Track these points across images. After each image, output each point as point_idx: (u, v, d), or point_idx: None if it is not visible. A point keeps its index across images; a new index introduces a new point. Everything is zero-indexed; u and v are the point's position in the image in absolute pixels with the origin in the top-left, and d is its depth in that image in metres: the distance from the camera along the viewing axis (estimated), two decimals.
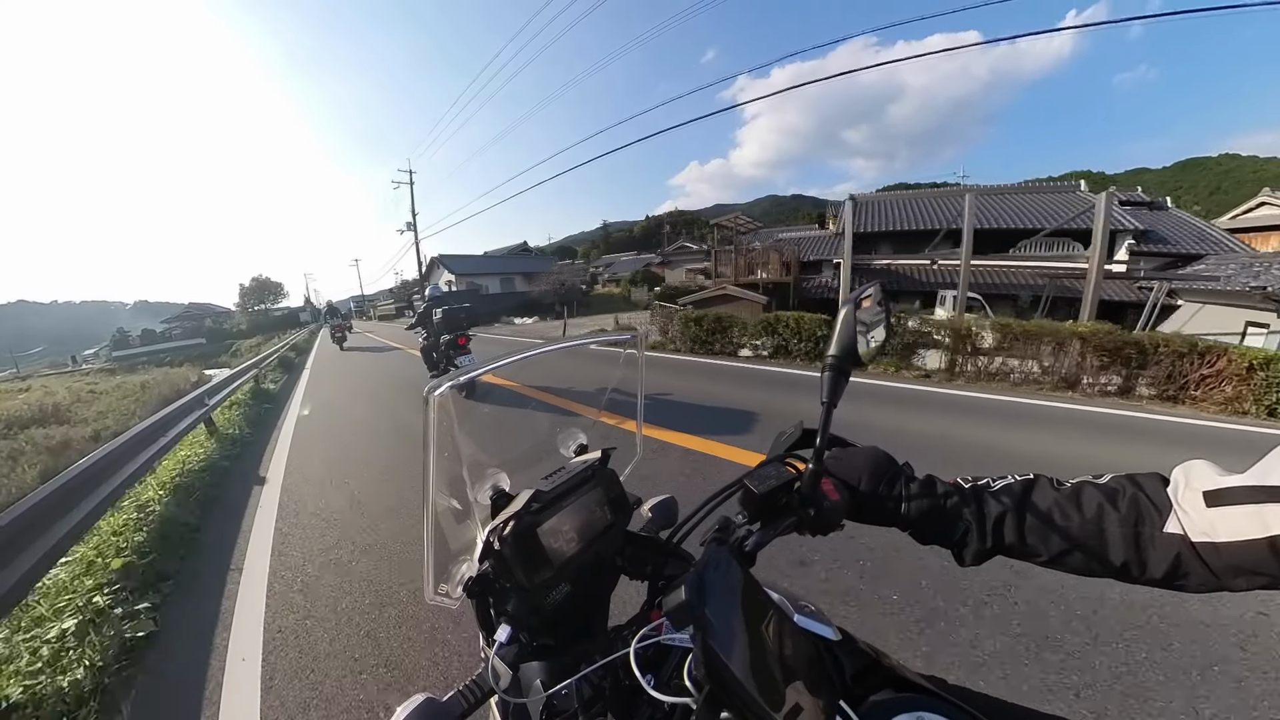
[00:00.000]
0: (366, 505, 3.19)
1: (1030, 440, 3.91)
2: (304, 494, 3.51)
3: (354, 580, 2.35)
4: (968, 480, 0.59)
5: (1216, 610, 1.83)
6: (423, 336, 7.04)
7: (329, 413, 6.58)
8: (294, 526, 3.00)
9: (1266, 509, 0.42)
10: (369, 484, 3.59)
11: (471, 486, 0.54)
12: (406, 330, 8.71)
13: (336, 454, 4.49)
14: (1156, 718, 1.42)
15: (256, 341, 32.89)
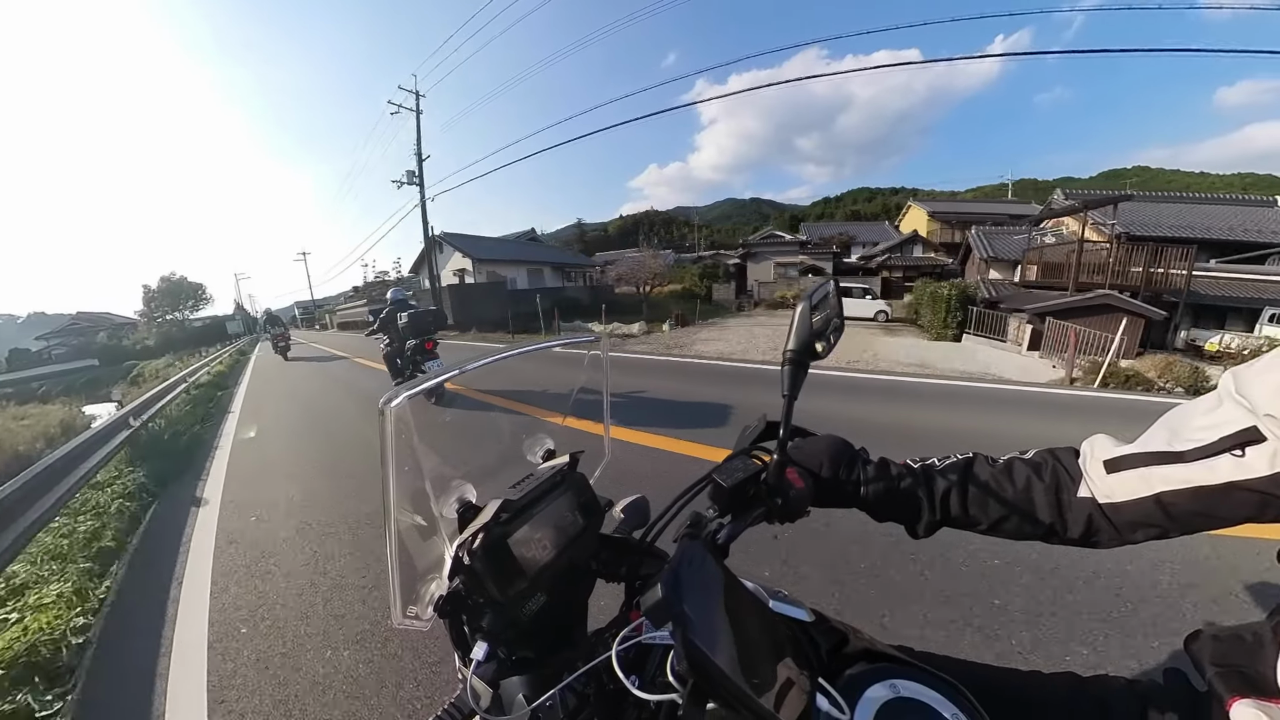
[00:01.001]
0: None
1: None
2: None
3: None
4: (916, 461, 0.64)
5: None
6: (384, 343, 6.65)
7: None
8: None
9: (1151, 471, 0.50)
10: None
11: (436, 500, 0.51)
12: (366, 337, 8.02)
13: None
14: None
15: (166, 362, 23.66)
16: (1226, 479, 0.46)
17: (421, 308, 6.59)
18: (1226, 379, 0.50)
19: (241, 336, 36.82)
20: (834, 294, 0.62)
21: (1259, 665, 0.46)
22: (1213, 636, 0.54)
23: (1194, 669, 0.54)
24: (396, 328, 6.28)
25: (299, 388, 9.02)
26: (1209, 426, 0.48)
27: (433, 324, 6.30)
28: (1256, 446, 0.45)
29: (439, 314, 6.72)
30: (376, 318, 6.80)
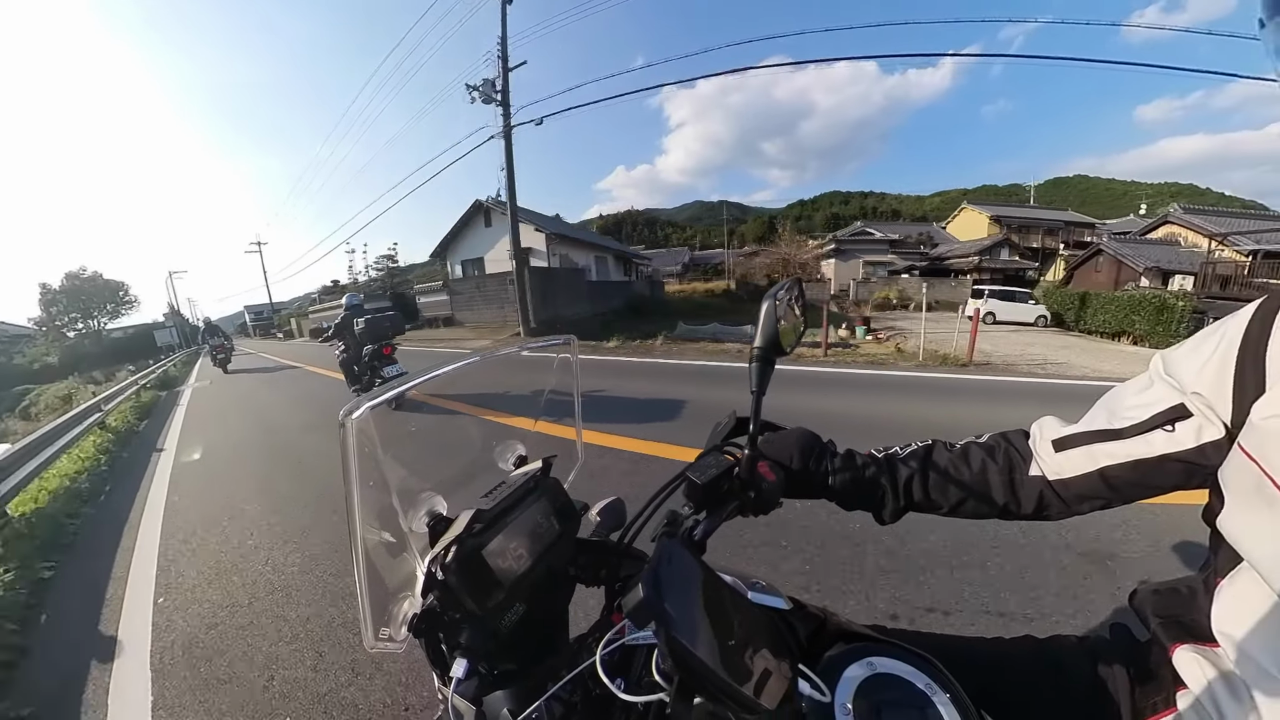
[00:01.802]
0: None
1: None
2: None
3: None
4: (880, 450, 0.67)
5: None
6: (340, 350, 6.39)
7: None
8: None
9: (1094, 448, 0.55)
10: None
11: (404, 515, 0.49)
12: (321, 343, 7.46)
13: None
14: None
15: (67, 388, 15.88)
16: (1160, 452, 0.51)
17: (378, 313, 6.38)
18: (1156, 361, 0.55)
19: (176, 350, 28.03)
20: (798, 293, 0.64)
21: (1195, 614, 0.51)
22: (1153, 591, 0.58)
23: (1138, 622, 0.59)
24: (353, 333, 6.07)
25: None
26: (1142, 405, 0.53)
27: (390, 329, 6.11)
28: (1184, 421, 0.50)
29: (397, 318, 6.51)
30: (331, 324, 6.56)
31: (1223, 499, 0.47)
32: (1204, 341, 0.51)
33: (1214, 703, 0.46)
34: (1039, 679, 0.59)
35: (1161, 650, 0.53)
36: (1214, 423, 0.48)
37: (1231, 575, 0.47)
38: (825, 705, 0.44)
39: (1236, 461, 0.45)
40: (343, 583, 2.26)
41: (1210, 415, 0.48)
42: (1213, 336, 0.50)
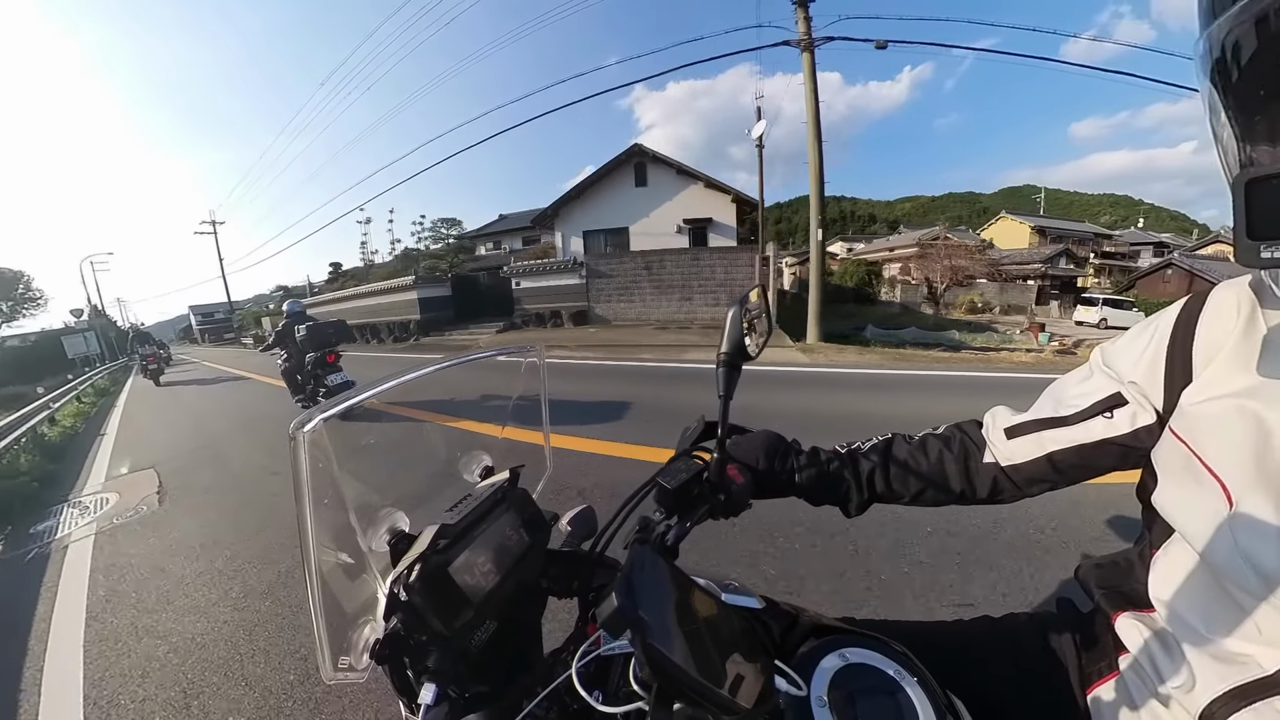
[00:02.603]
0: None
1: None
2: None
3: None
4: (843, 446, 0.69)
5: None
6: (282, 358, 6.04)
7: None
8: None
9: (1042, 435, 0.59)
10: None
11: (363, 534, 0.46)
12: (261, 353, 7.03)
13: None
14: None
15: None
16: (1100, 436, 0.55)
17: (322, 320, 6.14)
18: (1096, 354, 0.60)
19: (98, 364, 20.74)
20: (762, 299, 0.65)
21: (1133, 584, 0.55)
22: (1095, 564, 0.63)
23: (1082, 593, 0.63)
24: (295, 341, 5.76)
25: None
26: (1084, 394, 0.58)
27: (334, 336, 5.85)
28: (1122, 408, 0.54)
29: (341, 325, 6.29)
30: (272, 330, 6.28)
31: (1156, 477, 0.51)
32: (1138, 336, 0.56)
33: (1151, 662, 0.50)
34: (997, 655, 0.63)
35: (1104, 619, 0.57)
36: (1147, 409, 0.53)
37: (1165, 546, 0.51)
38: (802, 699, 0.45)
39: (1168, 444, 0.49)
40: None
41: (1144, 402, 0.53)
42: (1146, 332, 0.55)
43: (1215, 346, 0.47)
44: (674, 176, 15.29)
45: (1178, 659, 0.47)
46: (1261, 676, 0.40)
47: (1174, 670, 0.47)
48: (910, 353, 8.89)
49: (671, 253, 14.50)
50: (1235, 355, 0.46)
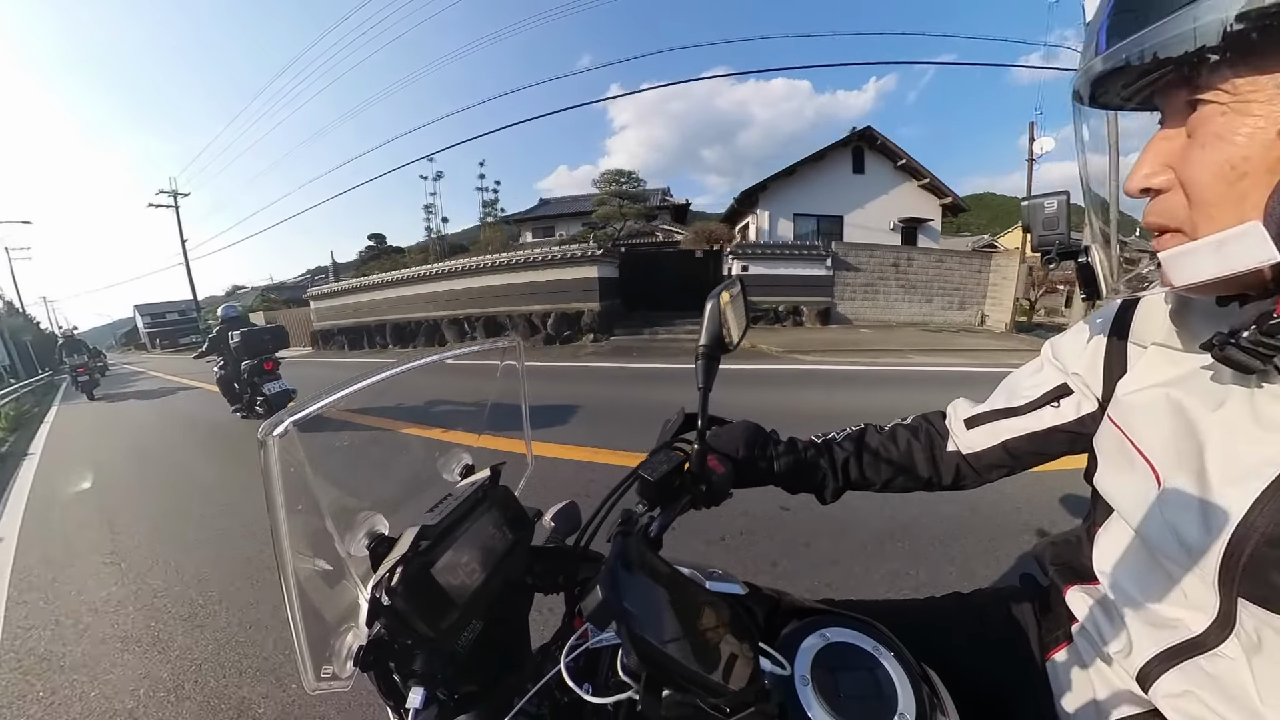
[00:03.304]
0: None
1: None
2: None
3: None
4: (819, 436, 0.72)
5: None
6: (218, 366, 5.87)
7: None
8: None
9: (998, 424, 0.63)
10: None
11: (341, 539, 0.45)
12: (195, 359, 6.74)
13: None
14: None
15: None
16: (1049, 425, 0.60)
17: (255, 328, 5.97)
18: (1046, 347, 0.64)
19: (8, 381, 16.22)
20: (741, 290, 0.66)
21: (1081, 559, 0.59)
22: (1050, 542, 0.67)
23: (1040, 570, 0.67)
24: (229, 348, 5.56)
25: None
26: (1035, 386, 0.62)
27: (271, 342, 5.64)
28: (1067, 398, 0.59)
29: (279, 331, 6.04)
30: (205, 338, 6.08)
31: (1097, 461, 0.55)
32: (1082, 331, 0.59)
33: (1097, 628, 0.54)
34: (966, 629, 0.67)
35: (1058, 591, 0.61)
36: (1089, 398, 0.57)
37: (1106, 524, 0.55)
38: (786, 678, 0.46)
39: (1106, 430, 0.53)
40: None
41: (1087, 392, 0.57)
42: (1090, 326, 0.59)
43: (1146, 340, 0.51)
44: (891, 170, 13.91)
45: (1119, 626, 0.51)
46: (1189, 638, 0.44)
47: (1116, 636, 0.51)
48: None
49: (919, 250, 13.47)
50: (1162, 348, 0.49)
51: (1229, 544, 0.39)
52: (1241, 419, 0.41)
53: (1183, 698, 0.44)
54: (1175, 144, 0.38)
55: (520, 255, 13.66)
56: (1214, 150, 0.35)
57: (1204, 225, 0.37)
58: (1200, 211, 0.37)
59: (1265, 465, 0.38)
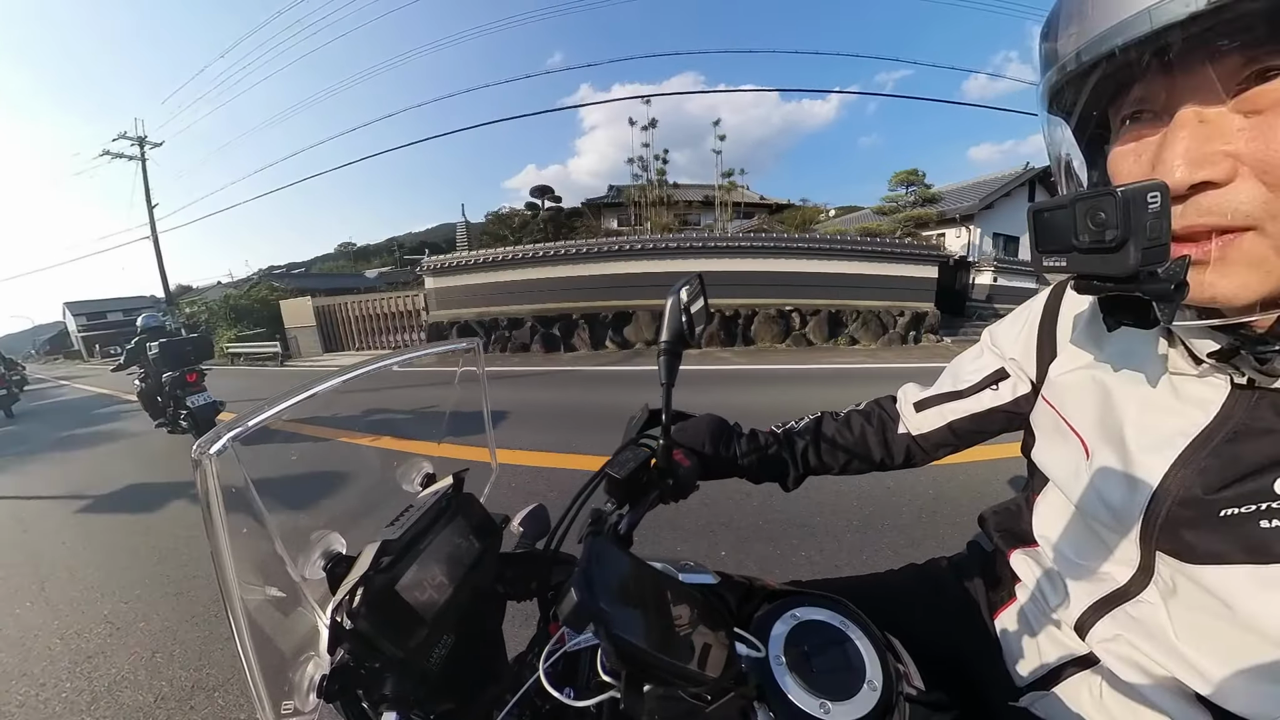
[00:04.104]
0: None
1: None
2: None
3: None
4: (780, 427, 0.74)
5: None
6: (138, 378, 5.41)
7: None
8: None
9: (944, 406, 0.67)
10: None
11: (293, 562, 0.42)
12: (112, 372, 6.14)
13: None
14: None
15: None
16: (989, 406, 0.65)
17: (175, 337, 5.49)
18: (985, 335, 0.70)
19: None
20: (700, 287, 0.67)
21: (1022, 525, 0.63)
22: (994, 511, 0.72)
23: (985, 537, 0.72)
24: (148, 359, 5.12)
25: None
26: (976, 370, 0.67)
27: (193, 353, 5.22)
28: (1005, 381, 0.64)
29: (203, 340, 5.62)
30: (122, 349, 5.55)
31: (1034, 437, 0.60)
32: (1017, 318, 0.64)
33: (1038, 587, 0.58)
34: (923, 597, 0.71)
35: (1003, 556, 0.66)
36: (1024, 380, 0.62)
37: (1043, 492, 0.60)
38: (761, 660, 0.47)
39: (1041, 408, 0.58)
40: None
41: (1022, 375, 0.62)
42: (1023, 314, 0.64)
43: (1072, 326, 0.56)
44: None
45: (1057, 583, 0.55)
46: (1117, 588, 0.49)
47: (1055, 592, 0.56)
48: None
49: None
50: (1087, 333, 0.54)
51: (1148, 506, 0.44)
52: (1156, 395, 0.46)
53: (1114, 641, 0.49)
54: (1223, 125, 0.32)
55: (846, 241, 11.74)
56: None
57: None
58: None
59: (1176, 436, 0.43)
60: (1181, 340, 0.44)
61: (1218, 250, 0.34)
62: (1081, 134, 0.44)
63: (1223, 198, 0.33)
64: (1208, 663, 0.41)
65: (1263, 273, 0.33)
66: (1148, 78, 0.35)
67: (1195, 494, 0.41)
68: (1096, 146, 0.45)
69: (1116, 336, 0.50)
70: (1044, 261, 0.37)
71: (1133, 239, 0.31)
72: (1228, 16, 0.29)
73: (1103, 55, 0.34)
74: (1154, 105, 0.36)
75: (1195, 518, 0.41)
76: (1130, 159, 0.38)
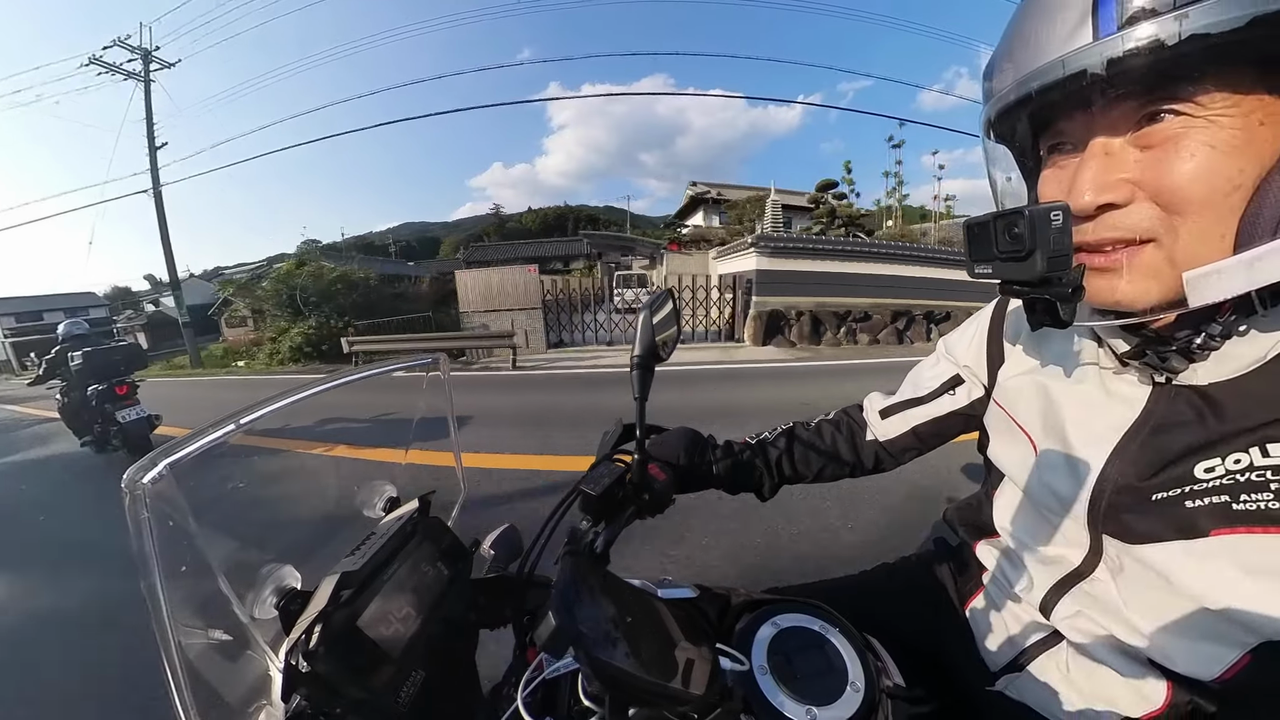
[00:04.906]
0: None
1: None
2: None
3: None
4: (753, 438, 0.75)
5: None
6: (60, 392, 4.79)
7: None
8: None
9: (907, 413, 0.71)
10: None
11: (240, 601, 0.38)
12: (29, 386, 5.21)
13: None
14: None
15: None
16: (947, 410, 0.69)
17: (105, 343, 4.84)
18: (940, 344, 0.74)
19: None
20: (672, 302, 0.67)
21: (984, 518, 0.66)
22: (957, 506, 0.75)
23: (950, 531, 0.74)
24: (70, 371, 4.54)
25: None
26: (934, 377, 0.71)
27: (122, 363, 4.66)
28: (960, 386, 0.68)
29: (132, 349, 4.95)
30: (40, 360, 4.86)
31: (988, 437, 0.64)
32: (969, 327, 0.69)
33: (1002, 574, 0.61)
34: (896, 594, 0.73)
35: (968, 548, 0.68)
36: (978, 385, 0.66)
37: (1000, 486, 0.64)
38: (746, 672, 0.47)
39: (993, 410, 0.62)
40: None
41: (975, 380, 0.67)
42: (974, 323, 0.69)
43: (1016, 334, 0.61)
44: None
45: (1020, 569, 0.59)
46: (1072, 570, 0.52)
47: (1018, 578, 0.59)
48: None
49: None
50: (1030, 341, 0.59)
51: (1092, 493, 0.48)
52: (1092, 395, 0.50)
53: (1075, 617, 0.52)
54: (1123, 157, 0.38)
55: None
56: (1209, 162, 0.35)
57: (1190, 236, 0.37)
58: (1190, 222, 0.36)
59: (1111, 430, 0.48)
60: (1107, 343, 0.49)
61: (1124, 260, 0.40)
62: (1020, 160, 0.50)
63: (1124, 216, 0.39)
64: (1154, 630, 0.45)
65: (1160, 281, 0.39)
66: (1065, 115, 0.41)
67: (1130, 482, 0.46)
68: (1031, 172, 0.51)
69: (1055, 343, 0.54)
70: (975, 269, 0.43)
71: (1039, 250, 0.37)
72: (1119, 70, 0.35)
73: (1026, 94, 0.40)
74: (1072, 138, 0.42)
75: (1132, 503, 0.45)
76: (1054, 183, 0.44)
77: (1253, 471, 0.39)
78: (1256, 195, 0.35)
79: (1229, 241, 0.36)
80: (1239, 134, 0.34)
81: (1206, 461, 0.41)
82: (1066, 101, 0.39)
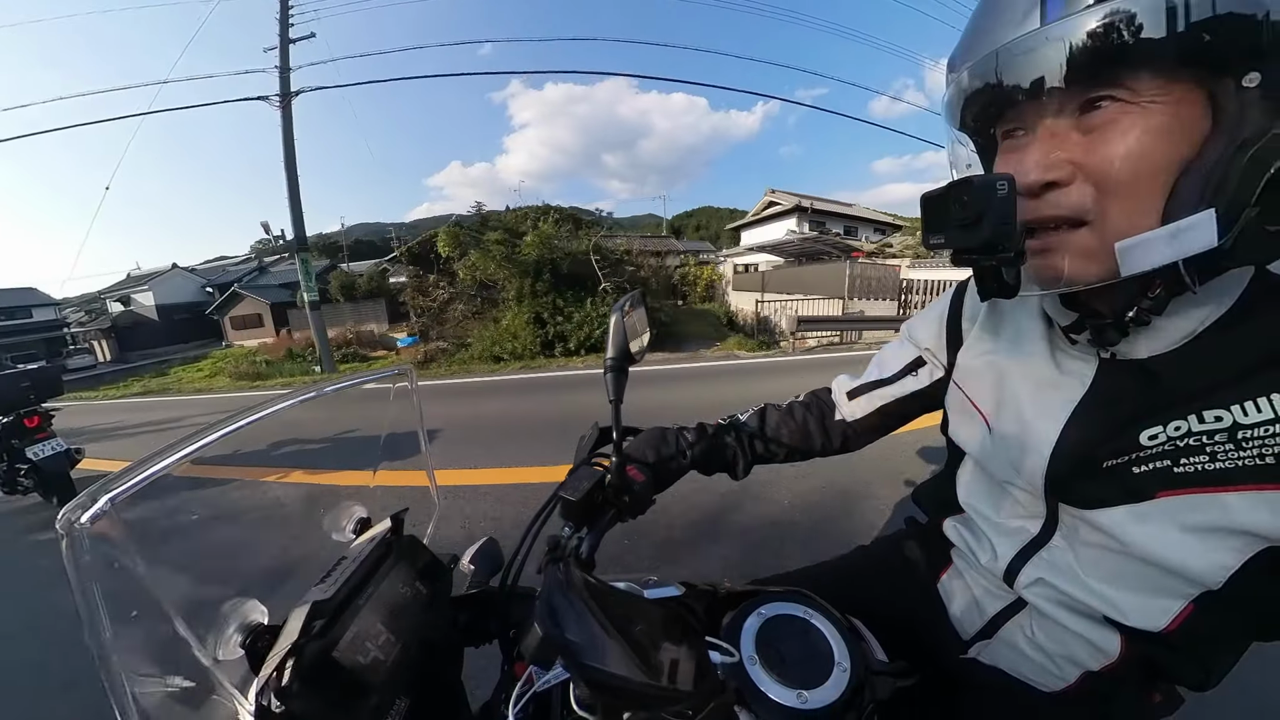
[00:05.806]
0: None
1: None
2: None
3: None
4: (725, 419, 0.76)
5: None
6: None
7: None
8: None
9: (873, 393, 0.74)
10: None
11: (201, 644, 0.35)
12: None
13: None
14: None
15: None
16: (910, 391, 0.71)
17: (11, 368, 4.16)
18: (904, 328, 0.77)
19: None
20: (643, 304, 0.67)
21: (949, 495, 0.69)
22: (924, 486, 0.78)
23: (919, 510, 0.77)
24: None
25: None
26: (898, 360, 0.73)
27: (31, 390, 3.82)
28: (923, 368, 0.71)
29: (47, 374, 4.09)
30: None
31: (949, 417, 0.67)
32: (930, 311, 0.72)
33: (968, 547, 0.64)
34: (873, 575, 0.76)
35: (936, 525, 0.72)
36: (939, 367, 0.69)
37: (962, 463, 0.66)
38: (736, 664, 0.47)
39: (953, 391, 0.65)
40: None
41: (936, 362, 0.69)
42: (935, 308, 0.71)
43: (973, 318, 0.64)
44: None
45: (984, 541, 0.61)
46: (1031, 539, 0.55)
47: (983, 550, 0.61)
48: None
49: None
50: (985, 323, 0.62)
51: (1048, 465, 0.51)
52: (1044, 372, 0.53)
53: (1037, 584, 0.55)
54: (1067, 139, 0.41)
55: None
56: (1140, 145, 0.37)
57: (1120, 215, 0.39)
58: (1120, 202, 0.39)
59: (1062, 404, 0.51)
60: (1055, 322, 0.52)
61: (1062, 241, 0.43)
62: (978, 144, 0.53)
63: (1065, 195, 0.41)
64: (1108, 589, 0.49)
65: (1096, 261, 0.42)
66: (1014, 101, 0.43)
67: (1082, 452, 0.49)
68: (988, 157, 0.54)
69: (1010, 325, 0.58)
70: (929, 239, 0.46)
71: (986, 216, 0.39)
72: (1063, 56, 0.38)
73: (981, 81, 0.43)
74: (1023, 124, 0.44)
75: (1084, 471, 0.49)
76: (1007, 165, 0.47)
77: (1191, 437, 0.42)
78: (1182, 177, 0.38)
79: (1156, 220, 0.39)
80: (1169, 119, 0.37)
81: (1150, 429, 0.44)
82: (1015, 88, 0.42)
